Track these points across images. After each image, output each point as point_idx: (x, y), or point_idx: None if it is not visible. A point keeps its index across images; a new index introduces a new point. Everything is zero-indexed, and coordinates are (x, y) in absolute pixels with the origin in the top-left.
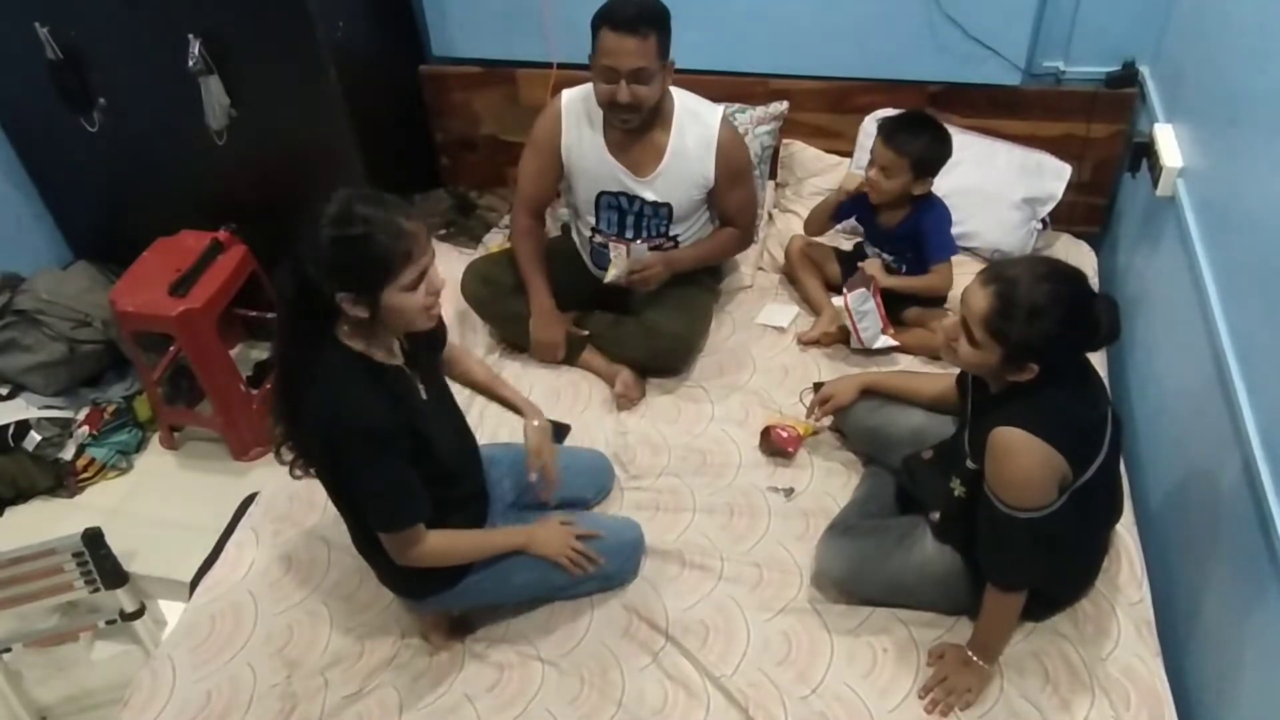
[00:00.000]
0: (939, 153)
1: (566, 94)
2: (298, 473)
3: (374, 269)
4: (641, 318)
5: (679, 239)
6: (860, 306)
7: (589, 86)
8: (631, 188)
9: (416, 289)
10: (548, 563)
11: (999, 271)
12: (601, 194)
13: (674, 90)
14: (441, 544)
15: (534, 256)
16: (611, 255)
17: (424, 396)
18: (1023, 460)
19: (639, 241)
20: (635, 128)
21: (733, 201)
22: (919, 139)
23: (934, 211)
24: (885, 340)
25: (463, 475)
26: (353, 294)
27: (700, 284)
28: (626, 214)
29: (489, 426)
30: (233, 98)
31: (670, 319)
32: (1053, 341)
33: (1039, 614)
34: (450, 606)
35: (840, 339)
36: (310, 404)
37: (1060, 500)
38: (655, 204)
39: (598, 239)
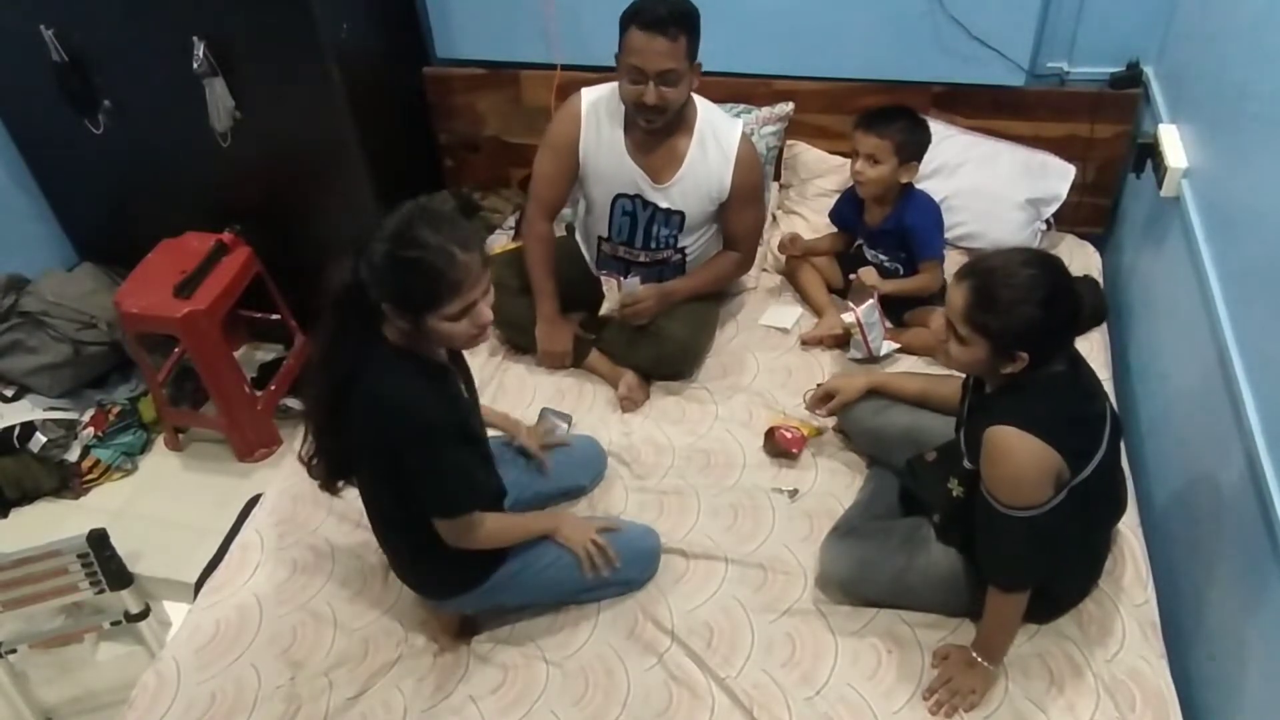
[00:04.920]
0: (919, 135)
1: (586, 93)
2: (338, 487)
3: (419, 294)
4: (647, 324)
5: (687, 252)
6: (869, 319)
7: (610, 86)
8: (647, 193)
9: (460, 320)
10: (573, 565)
11: (974, 265)
12: (617, 197)
13: (698, 100)
14: (495, 526)
15: (546, 262)
16: (604, 289)
17: (465, 395)
18: (1017, 458)
19: (630, 276)
20: (659, 129)
21: (740, 221)
22: (898, 121)
23: (916, 204)
24: (889, 346)
25: (491, 471)
26: (395, 307)
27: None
28: (638, 221)
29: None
30: (237, 100)
31: (676, 326)
32: (1036, 326)
33: (1043, 615)
34: (473, 607)
35: (842, 343)
36: (366, 398)
37: (1058, 498)
38: (668, 211)
39: (605, 248)
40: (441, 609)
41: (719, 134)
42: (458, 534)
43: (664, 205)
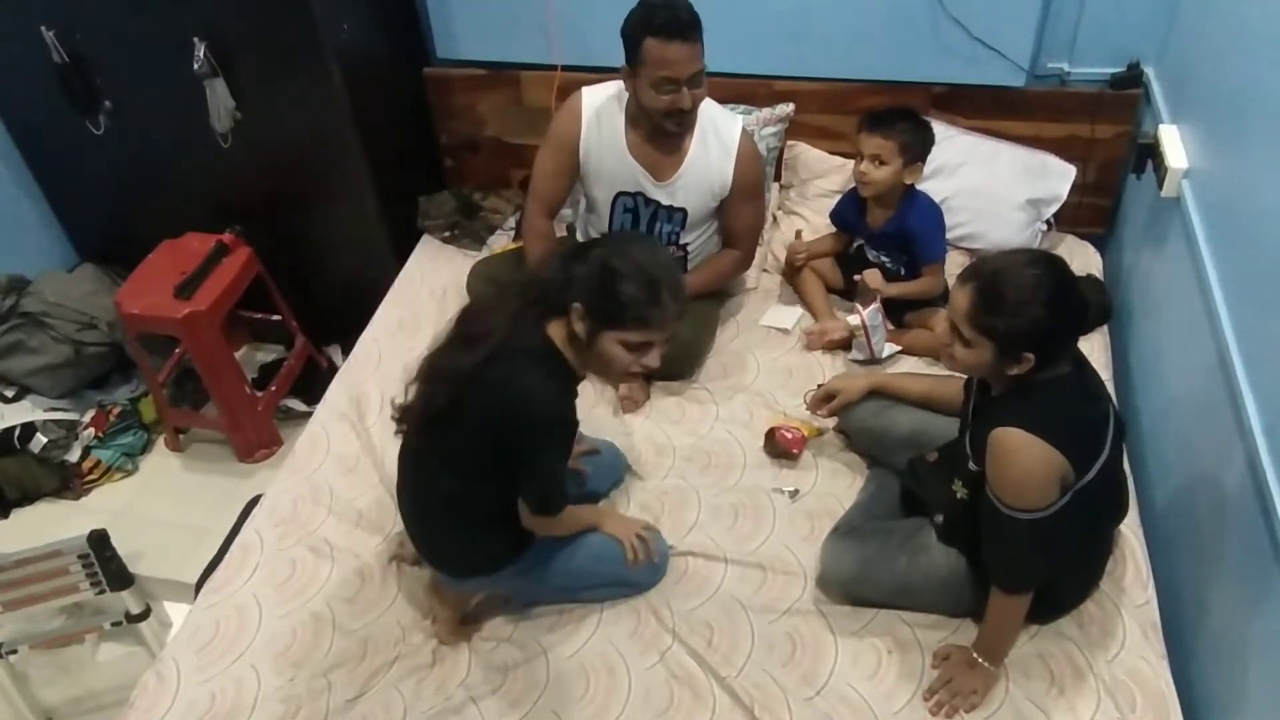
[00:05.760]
0: (924, 136)
1: (587, 92)
2: (401, 430)
3: (611, 307)
4: None
5: (689, 249)
6: (874, 321)
7: (612, 85)
8: (649, 190)
9: (631, 351)
10: (596, 554)
11: (977, 268)
12: (618, 195)
13: None
14: (571, 517)
15: (547, 260)
16: None
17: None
18: (1023, 460)
19: None
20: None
21: (741, 217)
22: (902, 122)
23: (919, 208)
24: (891, 348)
25: None
26: (584, 310)
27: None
28: (640, 218)
29: None
30: (238, 100)
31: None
32: (1042, 327)
33: (1044, 616)
34: (488, 589)
35: (845, 345)
36: (508, 378)
37: (1062, 500)
38: (671, 208)
39: None
40: (455, 588)
41: (720, 129)
42: (544, 523)
43: (666, 202)
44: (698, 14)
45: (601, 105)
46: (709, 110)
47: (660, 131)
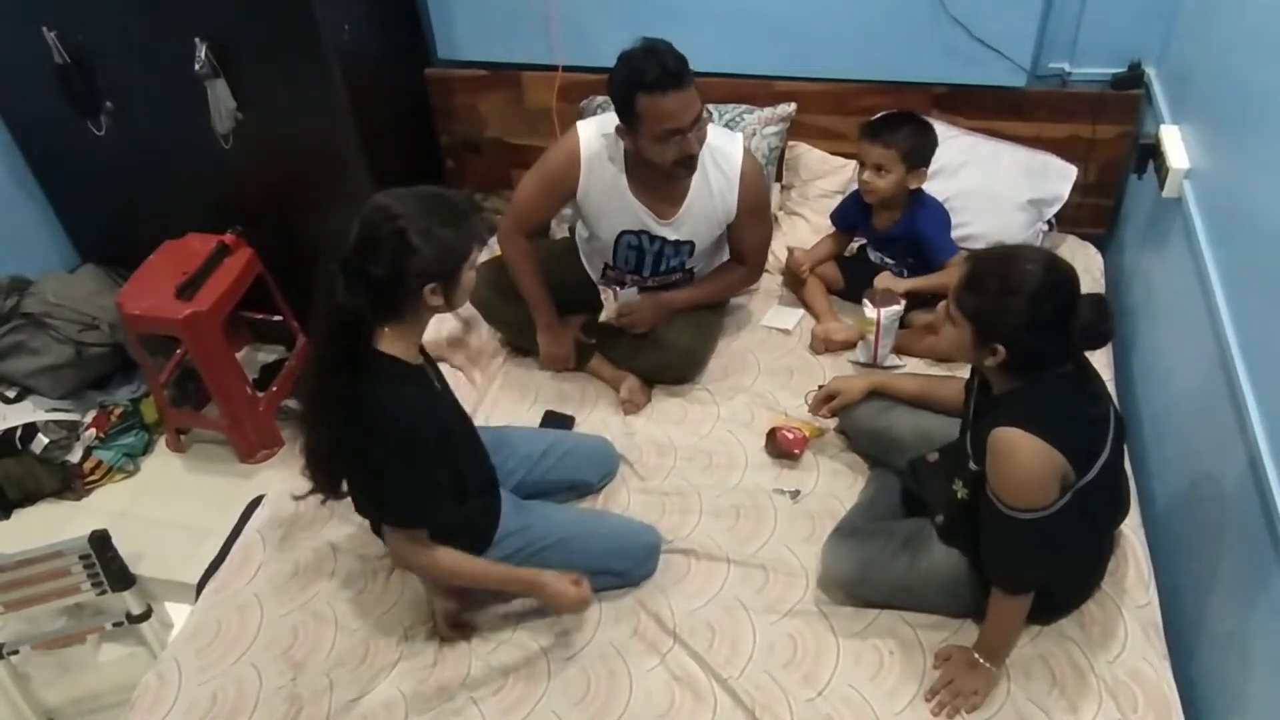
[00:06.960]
0: (926, 140)
1: (584, 132)
2: (341, 492)
3: (463, 247)
4: (650, 330)
5: (694, 271)
6: (889, 323)
7: (607, 121)
8: (654, 228)
9: (473, 267)
10: (565, 559)
11: (985, 250)
12: (622, 233)
13: None
14: (446, 561)
15: (534, 274)
16: (604, 298)
17: (437, 387)
18: (1022, 459)
19: (628, 285)
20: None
21: (749, 238)
22: (903, 128)
23: (927, 210)
24: (894, 359)
25: (476, 458)
26: (435, 284)
27: None
28: (646, 253)
29: (499, 415)
30: (239, 101)
31: (678, 333)
32: (1015, 321)
33: (1045, 617)
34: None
35: (846, 347)
36: (360, 407)
37: (1062, 500)
38: (678, 243)
39: (610, 273)
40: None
41: (719, 157)
42: (400, 548)
43: (673, 237)
44: (683, 56)
45: (599, 147)
46: (707, 138)
47: (641, 167)
